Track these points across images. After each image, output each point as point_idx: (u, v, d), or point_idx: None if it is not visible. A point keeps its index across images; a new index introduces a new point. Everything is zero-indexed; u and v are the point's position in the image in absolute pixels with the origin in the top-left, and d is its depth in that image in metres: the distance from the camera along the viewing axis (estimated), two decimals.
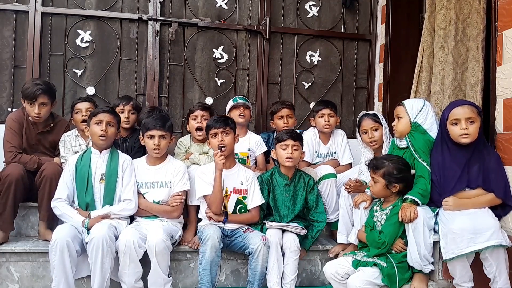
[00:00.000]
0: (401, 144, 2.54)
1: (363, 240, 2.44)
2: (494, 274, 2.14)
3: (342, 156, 3.24)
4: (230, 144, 2.57)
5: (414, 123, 2.48)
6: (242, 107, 3.17)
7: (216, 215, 2.49)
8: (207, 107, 3.06)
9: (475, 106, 2.33)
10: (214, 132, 2.56)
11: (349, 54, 4.01)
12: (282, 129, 3.18)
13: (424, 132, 2.46)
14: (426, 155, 2.41)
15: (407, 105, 2.53)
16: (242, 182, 2.60)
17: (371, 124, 2.71)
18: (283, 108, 3.23)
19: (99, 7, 3.60)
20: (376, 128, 2.70)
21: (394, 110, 2.61)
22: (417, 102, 2.56)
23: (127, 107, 3.01)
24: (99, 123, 2.47)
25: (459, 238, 2.11)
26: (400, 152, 2.52)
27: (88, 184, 2.45)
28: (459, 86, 2.94)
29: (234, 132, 2.62)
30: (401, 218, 2.26)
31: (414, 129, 2.47)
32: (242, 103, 3.19)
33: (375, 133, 2.70)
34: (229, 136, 2.56)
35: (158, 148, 2.53)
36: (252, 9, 3.82)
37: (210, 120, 2.67)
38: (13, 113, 2.85)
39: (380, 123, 2.71)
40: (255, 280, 2.37)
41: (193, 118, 3.00)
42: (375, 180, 2.37)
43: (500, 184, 2.27)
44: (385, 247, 2.30)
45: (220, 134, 2.54)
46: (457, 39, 2.95)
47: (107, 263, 2.22)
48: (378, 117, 2.73)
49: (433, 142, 2.45)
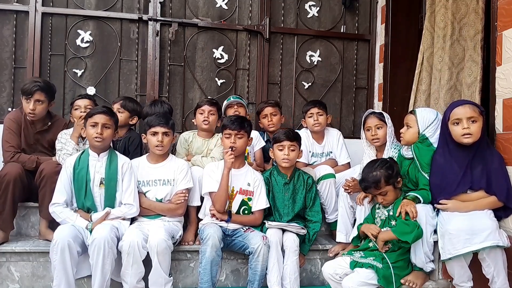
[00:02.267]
0: (407, 154, 2.52)
1: (367, 233, 2.39)
2: (492, 274, 2.14)
3: (339, 156, 3.25)
4: (241, 147, 2.59)
5: (422, 135, 2.45)
6: (236, 105, 3.21)
7: (219, 213, 2.49)
8: (214, 103, 3.06)
9: (477, 105, 2.31)
10: (228, 133, 2.58)
11: (349, 54, 4.02)
12: (268, 127, 3.23)
13: (430, 145, 2.44)
14: (429, 167, 2.40)
15: (418, 115, 2.48)
16: (249, 183, 2.61)
17: (375, 122, 2.71)
18: (266, 107, 3.26)
19: (99, 7, 3.60)
20: (380, 127, 2.70)
21: (405, 117, 2.59)
22: (429, 114, 2.49)
23: (116, 105, 2.99)
24: (95, 126, 2.44)
25: (455, 239, 2.12)
26: (407, 162, 2.52)
27: (87, 189, 2.43)
28: (455, 85, 2.94)
29: (248, 134, 2.63)
30: (398, 213, 2.28)
31: (421, 141, 2.45)
32: (235, 102, 3.22)
33: (379, 131, 2.70)
34: (242, 139, 2.59)
35: (162, 144, 2.53)
36: (252, 9, 3.83)
37: (227, 119, 2.68)
38: (11, 113, 2.85)
39: (385, 122, 2.71)
40: (255, 279, 2.37)
41: (200, 113, 3.01)
42: (383, 193, 2.36)
43: (502, 187, 2.24)
44: (418, 227, 2.21)
45: (233, 136, 2.56)
46: (453, 39, 2.95)
47: (108, 264, 2.22)
48: (384, 116, 2.72)
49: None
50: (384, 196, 2.37)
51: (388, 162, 2.39)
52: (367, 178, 2.36)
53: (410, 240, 2.19)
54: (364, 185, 2.40)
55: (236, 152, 2.53)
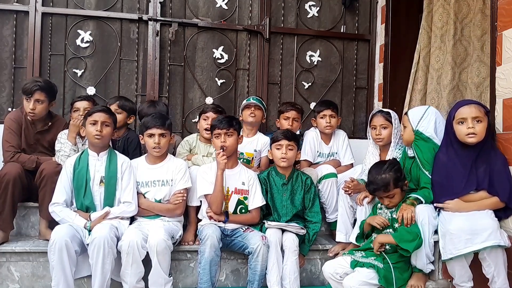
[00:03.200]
0: (410, 153, 2.52)
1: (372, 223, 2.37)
2: (492, 274, 2.14)
3: (343, 157, 3.25)
4: (232, 145, 2.57)
5: (416, 131, 2.45)
6: (253, 107, 3.16)
7: (216, 214, 2.49)
8: (219, 111, 3.05)
9: (482, 105, 2.30)
10: (217, 133, 2.57)
11: (349, 54, 4.01)
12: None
13: (428, 140, 2.43)
14: (430, 165, 2.39)
15: (409, 114, 2.51)
16: (243, 182, 2.61)
17: (381, 121, 2.69)
18: (291, 110, 3.21)
19: (99, 7, 3.60)
20: (385, 126, 2.68)
21: (402, 119, 2.60)
22: (418, 110, 2.52)
23: (113, 106, 2.97)
24: (95, 123, 2.45)
25: (456, 239, 2.11)
26: (409, 161, 2.52)
27: (87, 188, 2.43)
28: (457, 86, 2.94)
29: (238, 133, 2.62)
30: (399, 218, 2.28)
31: (418, 137, 2.45)
32: (253, 103, 3.18)
33: (383, 131, 2.68)
34: (232, 138, 2.57)
35: (159, 146, 2.53)
36: (252, 9, 3.83)
37: (215, 120, 2.67)
38: (12, 113, 2.85)
39: (391, 122, 2.69)
40: (255, 279, 2.37)
41: (204, 119, 3.01)
42: (391, 196, 2.34)
43: (505, 188, 2.23)
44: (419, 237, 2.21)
45: (223, 135, 2.55)
46: (456, 39, 2.95)
47: (108, 263, 2.22)
48: (391, 116, 2.71)
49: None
50: (391, 199, 2.35)
51: (397, 165, 2.37)
52: (376, 181, 2.32)
53: (411, 249, 2.18)
54: (372, 188, 2.37)
55: (228, 151, 2.52)
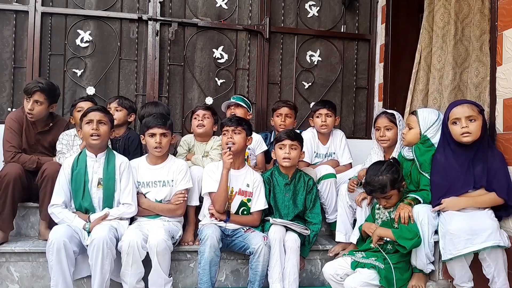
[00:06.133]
0: (408, 155, 2.51)
1: (367, 232, 2.39)
2: (492, 274, 2.14)
3: (341, 157, 3.24)
4: (239, 144, 2.56)
5: (423, 136, 2.44)
6: (233, 106, 3.22)
7: (218, 213, 2.49)
8: (208, 107, 3.09)
9: (475, 104, 2.31)
10: (225, 130, 2.58)
11: (349, 54, 4.01)
12: (279, 127, 3.21)
13: (431, 146, 2.43)
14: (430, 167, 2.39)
15: (420, 116, 2.47)
16: (248, 184, 2.60)
17: (385, 123, 2.68)
18: (283, 107, 3.27)
19: (99, 7, 3.60)
20: (389, 128, 2.66)
21: (407, 118, 2.58)
22: (431, 114, 2.48)
23: (113, 104, 2.99)
24: (90, 123, 2.43)
25: (456, 239, 2.11)
26: (408, 164, 2.50)
27: (85, 189, 2.42)
28: (458, 86, 2.93)
29: (247, 133, 2.62)
30: (396, 217, 2.29)
31: (422, 142, 2.44)
32: (233, 103, 3.23)
33: (387, 133, 2.66)
34: (240, 136, 2.57)
35: (160, 146, 2.52)
36: (252, 9, 3.82)
37: (226, 118, 2.69)
38: (13, 113, 2.85)
39: (396, 123, 2.67)
40: (256, 280, 2.37)
41: (195, 118, 3.03)
42: (388, 197, 2.34)
43: (503, 184, 2.23)
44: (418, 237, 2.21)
45: (230, 132, 2.55)
46: (457, 39, 2.94)
47: (107, 264, 2.22)
48: (395, 117, 2.68)
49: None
50: (388, 200, 2.36)
51: (394, 166, 2.37)
52: (373, 182, 2.32)
53: (408, 246, 2.19)
54: (369, 189, 2.37)
55: (234, 150, 2.52)
